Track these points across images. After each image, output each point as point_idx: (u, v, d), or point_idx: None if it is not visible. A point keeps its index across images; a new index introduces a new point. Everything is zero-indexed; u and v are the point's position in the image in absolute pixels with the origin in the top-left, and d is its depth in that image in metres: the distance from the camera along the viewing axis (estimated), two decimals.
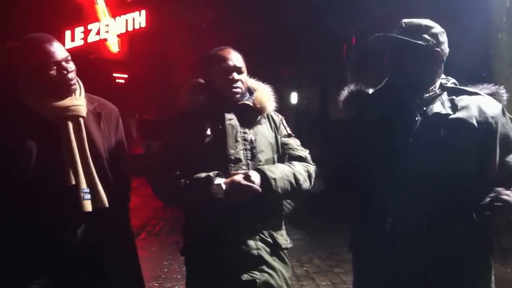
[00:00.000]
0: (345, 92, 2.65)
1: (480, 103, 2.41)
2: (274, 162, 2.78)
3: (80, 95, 2.65)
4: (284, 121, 2.93)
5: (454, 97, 2.44)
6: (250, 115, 2.77)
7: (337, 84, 15.20)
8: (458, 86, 2.50)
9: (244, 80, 2.77)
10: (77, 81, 2.65)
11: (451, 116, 2.38)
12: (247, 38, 16.32)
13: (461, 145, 2.35)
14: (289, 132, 2.91)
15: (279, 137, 2.85)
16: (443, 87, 2.48)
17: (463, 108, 2.40)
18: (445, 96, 2.45)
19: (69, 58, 2.58)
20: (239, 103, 2.75)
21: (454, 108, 2.40)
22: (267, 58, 17.84)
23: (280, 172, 2.66)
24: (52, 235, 2.49)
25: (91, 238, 2.57)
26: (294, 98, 22.70)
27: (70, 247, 2.53)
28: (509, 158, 2.39)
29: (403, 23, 2.46)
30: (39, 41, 2.54)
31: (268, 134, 2.79)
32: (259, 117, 2.80)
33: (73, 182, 2.50)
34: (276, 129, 2.85)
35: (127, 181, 2.86)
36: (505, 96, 2.52)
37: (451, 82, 2.52)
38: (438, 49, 2.45)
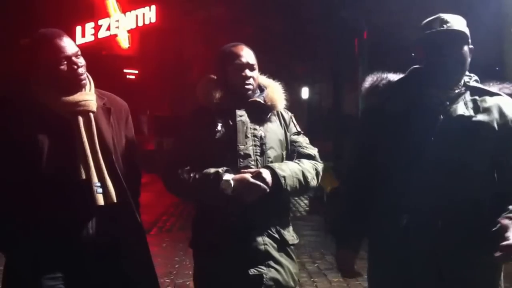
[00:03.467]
0: (370, 79, 2.62)
1: (501, 105, 2.41)
2: (283, 159, 2.80)
3: (90, 90, 2.66)
4: (293, 119, 2.94)
5: (477, 97, 2.42)
6: (261, 112, 2.78)
7: (350, 79, 15.15)
8: (480, 85, 2.48)
9: (256, 77, 2.79)
10: (87, 76, 2.66)
11: (473, 119, 2.37)
12: (260, 33, 16.30)
13: (481, 148, 2.34)
14: (299, 129, 2.93)
15: (288, 134, 2.87)
16: (466, 86, 2.46)
17: (485, 110, 2.39)
18: (468, 96, 2.43)
19: (79, 53, 2.59)
20: (250, 100, 2.77)
21: (477, 109, 2.39)
22: (280, 54, 17.81)
23: (290, 170, 2.68)
24: (64, 229, 2.50)
25: (102, 232, 2.58)
26: (305, 93, 22.65)
27: (82, 241, 2.54)
28: None
29: (446, 18, 2.40)
30: (50, 37, 2.55)
31: (278, 131, 2.81)
32: (270, 114, 2.82)
33: (84, 176, 2.52)
34: (286, 126, 2.87)
35: (137, 176, 2.86)
36: None
37: (473, 79, 2.50)
38: (471, 46, 2.44)
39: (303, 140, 2.90)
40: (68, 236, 2.51)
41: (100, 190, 2.54)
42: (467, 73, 2.49)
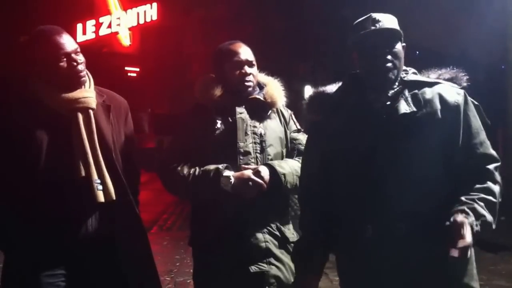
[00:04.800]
0: (308, 96, 2.57)
1: (442, 92, 2.34)
2: (283, 156, 2.80)
3: (89, 87, 2.65)
4: (293, 117, 2.95)
5: (416, 91, 2.36)
6: (261, 110, 2.79)
7: None
8: (418, 78, 2.41)
9: (255, 74, 2.79)
10: (87, 73, 2.65)
11: (417, 114, 2.31)
12: (262, 32, 16.30)
13: (431, 142, 2.28)
14: (299, 127, 2.94)
15: (288, 132, 2.87)
16: (403, 82, 2.39)
17: (426, 102, 2.33)
18: (406, 92, 2.36)
19: (79, 50, 2.58)
20: (250, 97, 2.76)
21: (418, 104, 2.32)
22: (282, 52, 17.80)
23: (290, 168, 2.69)
24: (64, 226, 2.50)
25: (102, 230, 2.58)
26: (308, 92, 22.62)
27: (82, 238, 2.53)
28: (474, 152, 2.31)
29: (377, 18, 2.35)
30: (49, 33, 2.54)
31: (277, 129, 2.82)
32: (269, 111, 2.82)
33: (83, 174, 2.51)
34: (285, 124, 2.88)
35: (136, 174, 2.86)
36: (464, 78, 2.45)
37: (410, 73, 2.44)
38: (404, 44, 2.39)
39: (303, 137, 2.88)
40: (67, 233, 2.51)
41: (100, 187, 2.53)
42: (403, 67, 2.43)
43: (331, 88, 2.54)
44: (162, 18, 22.62)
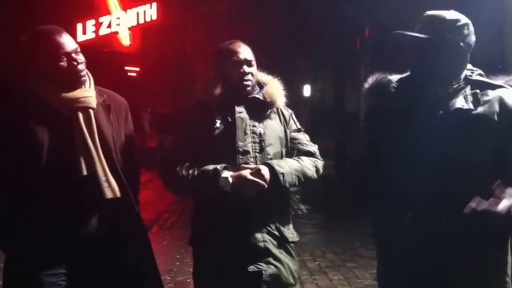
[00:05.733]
0: (370, 80, 2.64)
1: (503, 96, 2.39)
2: (282, 156, 2.80)
3: (90, 87, 2.66)
4: (293, 116, 2.95)
5: (478, 91, 2.41)
6: (260, 109, 2.79)
7: (352, 76, 15.08)
8: (483, 79, 2.46)
9: (254, 73, 2.79)
10: (87, 73, 2.66)
11: (472, 112, 2.36)
12: (262, 29, 16.24)
13: (481, 141, 2.33)
14: (299, 127, 2.93)
15: (288, 131, 2.87)
16: (467, 80, 2.45)
17: (485, 103, 2.38)
18: (468, 90, 2.42)
19: (79, 49, 2.60)
20: (250, 96, 2.77)
21: (477, 102, 2.38)
22: (282, 50, 17.74)
23: (289, 167, 2.69)
24: (65, 225, 2.51)
25: (102, 229, 2.59)
26: (307, 91, 22.56)
27: (83, 237, 2.55)
28: None
29: (425, 17, 2.43)
30: (49, 33, 2.56)
31: (277, 128, 2.82)
32: (269, 111, 2.82)
33: (85, 172, 2.52)
34: (285, 123, 2.87)
35: (136, 173, 2.87)
36: None
37: (476, 73, 2.48)
38: (462, 43, 2.41)
39: (303, 137, 2.90)
40: (69, 232, 2.52)
41: (106, 184, 2.55)
42: (469, 67, 2.48)
43: (395, 77, 2.60)
44: (162, 17, 22.60)
